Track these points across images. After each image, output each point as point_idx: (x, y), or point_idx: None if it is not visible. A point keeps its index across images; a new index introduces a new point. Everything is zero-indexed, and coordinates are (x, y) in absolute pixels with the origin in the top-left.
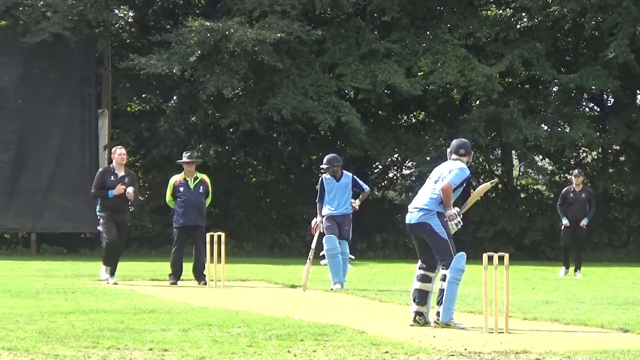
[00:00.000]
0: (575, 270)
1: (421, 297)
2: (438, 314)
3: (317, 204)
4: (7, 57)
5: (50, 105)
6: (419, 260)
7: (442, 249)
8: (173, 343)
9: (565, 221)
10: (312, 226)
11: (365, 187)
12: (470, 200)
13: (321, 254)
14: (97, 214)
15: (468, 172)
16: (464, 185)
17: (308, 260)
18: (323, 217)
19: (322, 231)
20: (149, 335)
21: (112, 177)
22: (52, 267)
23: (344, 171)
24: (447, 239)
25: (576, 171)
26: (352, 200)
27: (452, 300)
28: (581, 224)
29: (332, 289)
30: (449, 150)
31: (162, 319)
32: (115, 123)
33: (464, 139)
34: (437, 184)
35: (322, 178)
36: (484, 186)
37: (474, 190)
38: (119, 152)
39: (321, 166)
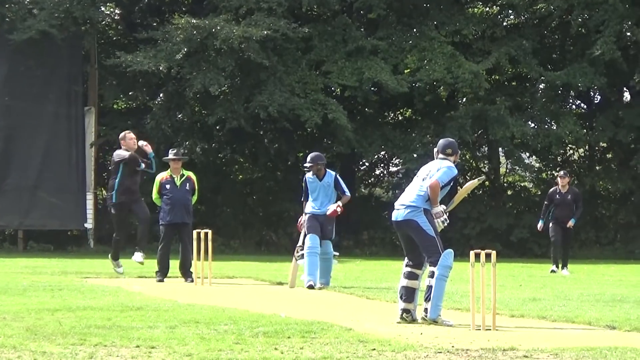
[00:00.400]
0: (562, 268)
1: (408, 294)
2: (426, 310)
3: (303, 202)
4: None
5: (37, 102)
6: (406, 258)
7: (430, 246)
8: (160, 340)
9: (540, 225)
10: (299, 224)
11: (347, 191)
12: (457, 197)
13: (300, 253)
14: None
15: (456, 171)
16: (451, 184)
17: (294, 258)
18: (307, 214)
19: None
20: (136, 333)
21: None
22: (39, 265)
23: (328, 170)
24: (435, 235)
25: (562, 172)
26: (338, 203)
27: (440, 297)
28: (568, 225)
29: (306, 287)
30: (435, 149)
31: (149, 316)
32: (102, 120)
33: (450, 139)
34: (425, 182)
35: (305, 177)
36: (471, 183)
37: (461, 188)
38: (129, 135)
39: (304, 165)
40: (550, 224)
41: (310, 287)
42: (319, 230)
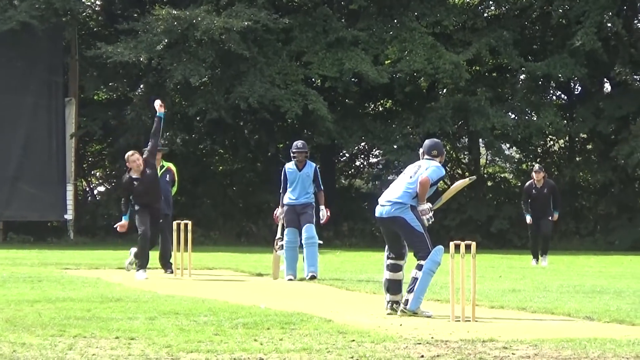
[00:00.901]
0: (540, 256)
1: (394, 286)
2: (406, 302)
3: (281, 194)
4: None
5: (17, 94)
6: (387, 250)
7: (419, 242)
8: (139, 331)
9: (528, 219)
10: (275, 216)
11: (322, 186)
12: (446, 195)
13: (280, 243)
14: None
15: (444, 171)
16: (437, 184)
17: (275, 250)
18: (284, 206)
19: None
20: (116, 324)
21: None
22: (19, 256)
23: (308, 161)
24: (423, 231)
25: (536, 167)
26: (322, 209)
27: (423, 291)
28: (552, 219)
29: (286, 279)
30: (421, 150)
31: (128, 308)
32: (82, 111)
33: (436, 140)
34: (413, 178)
35: (284, 168)
36: (461, 182)
37: (448, 189)
38: (132, 158)
39: (293, 150)
40: (528, 219)
41: (290, 280)
42: (298, 224)
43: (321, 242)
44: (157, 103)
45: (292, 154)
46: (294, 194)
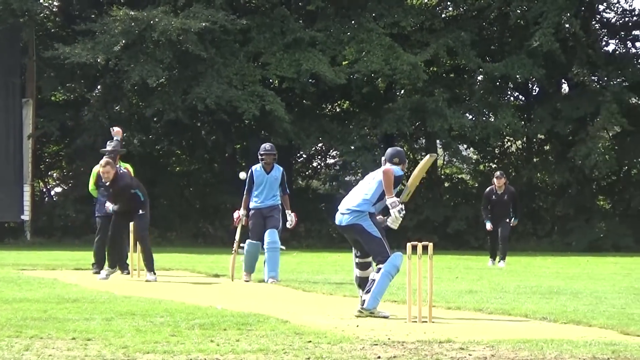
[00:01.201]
0: (499, 260)
1: (365, 283)
2: (363, 302)
3: (245, 195)
4: None
5: None
6: (354, 249)
7: (377, 248)
8: (96, 332)
9: (489, 226)
10: (235, 218)
11: (287, 189)
12: (411, 183)
13: (240, 245)
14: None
15: (402, 173)
16: (399, 184)
17: (233, 252)
18: (250, 210)
19: (244, 224)
20: (72, 325)
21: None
22: None
23: (275, 164)
24: (381, 237)
25: (498, 173)
26: (289, 213)
27: (381, 292)
28: (511, 225)
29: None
30: (383, 159)
31: (85, 308)
32: (40, 112)
33: (398, 148)
34: (372, 184)
35: (251, 170)
36: (424, 162)
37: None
38: (102, 170)
39: (261, 153)
40: (487, 222)
41: (247, 282)
42: (262, 232)
43: (284, 247)
44: (116, 129)
45: (260, 157)
46: (260, 197)
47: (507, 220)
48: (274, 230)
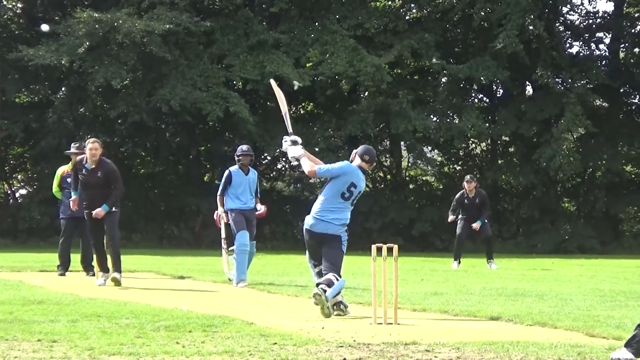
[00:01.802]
0: (488, 261)
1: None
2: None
3: (219, 197)
4: None
5: None
6: (311, 259)
7: (338, 262)
8: (62, 334)
9: (451, 217)
10: (216, 219)
11: (258, 192)
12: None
13: (230, 248)
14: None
15: (345, 169)
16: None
17: (223, 250)
18: (231, 210)
19: (226, 221)
20: (38, 327)
21: (83, 170)
22: None
23: (250, 166)
24: (344, 253)
25: (468, 177)
26: (260, 207)
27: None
28: (473, 227)
29: (236, 286)
30: (355, 152)
31: (50, 310)
32: (4, 114)
33: (371, 148)
34: (352, 197)
35: (229, 171)
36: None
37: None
38: (90, 145)
39: (238, 154)
40: (459, 221)
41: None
42: (246, 226)
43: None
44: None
45: (236, 158)
46: (242, 197)
47: (487, 221)
48: (252, 243)
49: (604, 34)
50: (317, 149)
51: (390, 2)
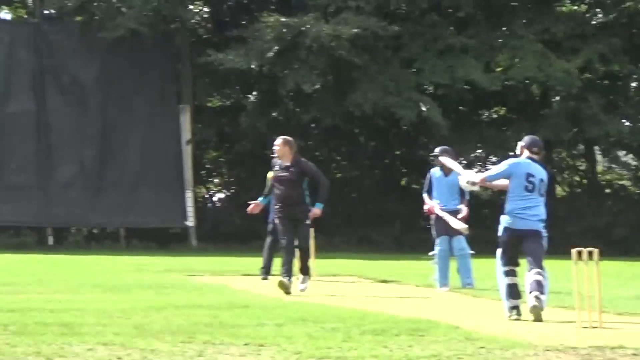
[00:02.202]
0: None
1: (515, 291)
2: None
3: (425, 195)
4: (85, 54)
5: (130, 101)
6: (503, 259)
7: (539, 258)
8: (268, 338)
9: None
10: (426, 210)
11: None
12: None
13: (431, 253)
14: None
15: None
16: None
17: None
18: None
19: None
20: (244, 330)
21: (276, 167)
22: (143, 262)
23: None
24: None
25: None
26: (463, 208)
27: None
28: None
29: (439, 290)
30: (521, 144)
31: (256, 314)
32: (197, 118)
33: (536, 137)
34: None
35: (430, 172)
36: None
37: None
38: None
39: (431, 155)
40: None
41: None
42: (446, 231)
43: (473, 252)
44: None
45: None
46: (441, 199)
47: None
48: (461, 238)
49: None
50: (511, 154)
51: (576, 7)
